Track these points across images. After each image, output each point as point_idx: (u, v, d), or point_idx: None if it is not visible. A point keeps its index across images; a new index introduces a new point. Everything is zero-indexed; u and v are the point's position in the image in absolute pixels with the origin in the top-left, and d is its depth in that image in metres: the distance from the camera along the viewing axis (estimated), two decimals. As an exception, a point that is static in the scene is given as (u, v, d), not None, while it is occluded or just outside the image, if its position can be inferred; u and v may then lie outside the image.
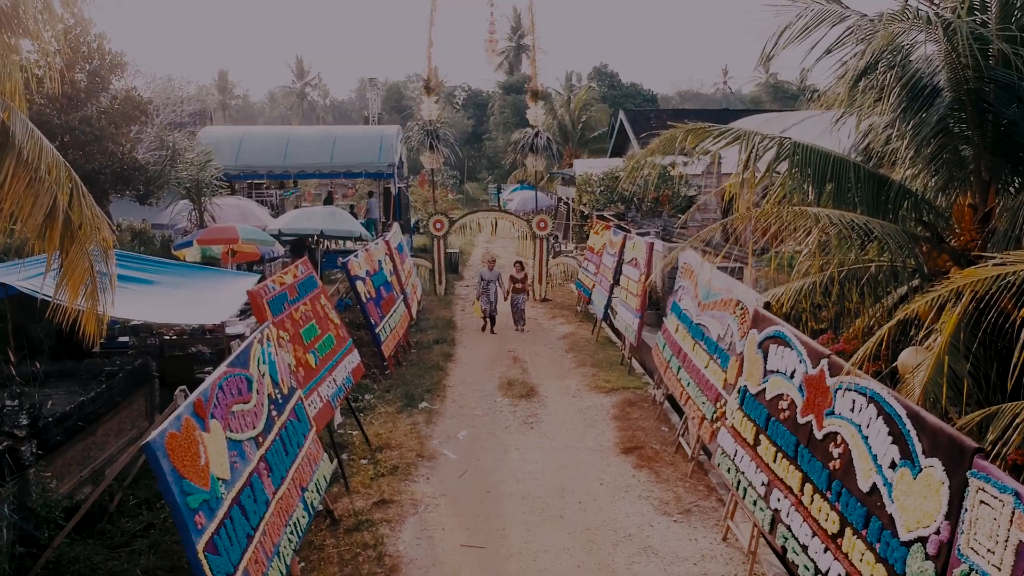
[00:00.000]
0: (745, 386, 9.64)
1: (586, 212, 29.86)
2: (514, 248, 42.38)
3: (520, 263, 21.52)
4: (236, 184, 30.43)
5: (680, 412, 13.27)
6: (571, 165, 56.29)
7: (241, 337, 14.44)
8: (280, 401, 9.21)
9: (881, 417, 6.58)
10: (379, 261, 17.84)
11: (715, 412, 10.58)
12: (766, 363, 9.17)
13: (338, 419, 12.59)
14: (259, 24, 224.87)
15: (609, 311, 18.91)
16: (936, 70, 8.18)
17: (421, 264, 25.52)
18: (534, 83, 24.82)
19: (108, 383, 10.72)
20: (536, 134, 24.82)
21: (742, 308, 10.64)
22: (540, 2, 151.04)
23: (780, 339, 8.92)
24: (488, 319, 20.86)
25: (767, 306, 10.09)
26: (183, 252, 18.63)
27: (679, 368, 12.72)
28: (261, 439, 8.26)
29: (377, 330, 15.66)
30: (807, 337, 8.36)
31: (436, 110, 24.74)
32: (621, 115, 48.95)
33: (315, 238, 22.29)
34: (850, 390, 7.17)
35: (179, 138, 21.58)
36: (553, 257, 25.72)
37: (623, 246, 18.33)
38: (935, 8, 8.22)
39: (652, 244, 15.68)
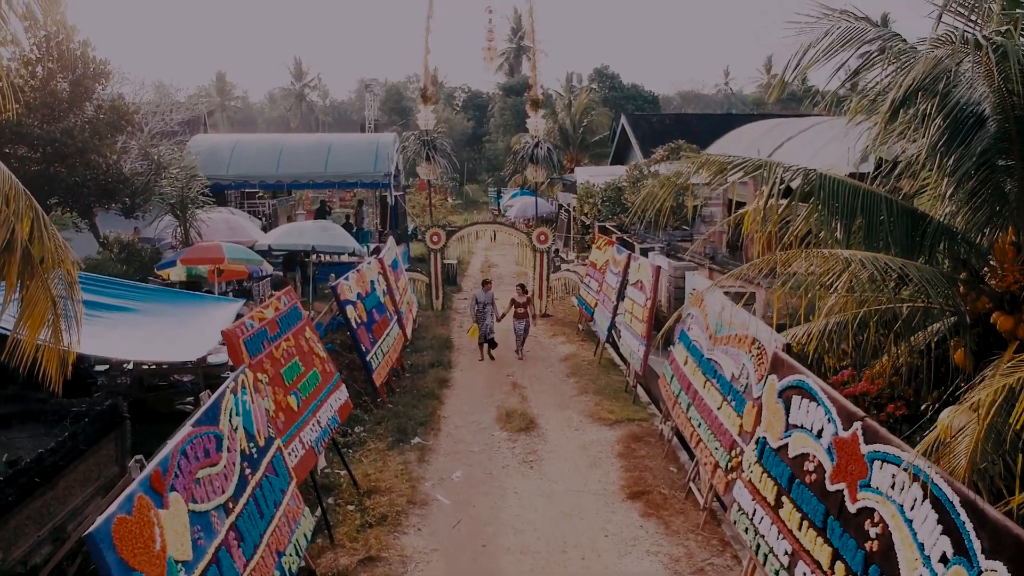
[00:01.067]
0: (764, 438, 8.83)
1: (588, 223, 29.05)
2: (514, 256, 41.58)
3: (523, 286, 20.11)
4: (229, 193, 29.67)
5: (689, 449, 12.46)
6: (572, 170, 55.53)
7: (226, 367, 13.66)
8: (255, 456, 8.40)
9: (928, 501, 5.76)
10: (372, 282, 17.04)
11: (730, 461, 9.77)
12: (788, 415, 8.36)
13: (322, 463, 11.77)
14: (259, 24, 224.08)
15: (612, 332, 18.11)
16: (981, 98, 7.36)
17: (417, 279, 24.70)
18: (534, 92, 23.99)
19: (73, 429, 9.90)
20: (536, 144, 23.98)
21: (759, 348, 9.82)
22: (541, 3, 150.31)
23: (804, 391, 8.10)
24: (486, 344, 19.28)
25: (787, 348, 9.29)
26: (167, 272, 17.83)
27: (689, 405, 11.90)
28: (231, 505, 7.44)
29: (368, 357, 14.85)
30: (836, 393, 7.55)
31: (433, 119, 23.92)
32: (623, 119, 48.16)
33: (306, 254, 21.47)
34: (890, 462, 6.36)
35: (165, 150, 20.77)
36: (554, 271, 24.87)
37: (627, 266, 17.53)
38: (981, 31, 7.39)
39: (658, 268, 14.85)
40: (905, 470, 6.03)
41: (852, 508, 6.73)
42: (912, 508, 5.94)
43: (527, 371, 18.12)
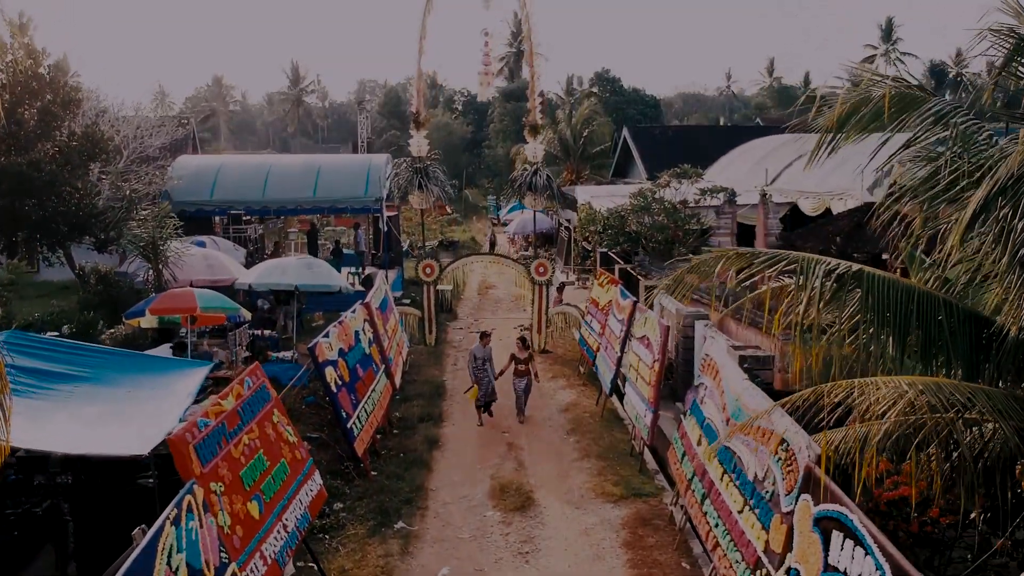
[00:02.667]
0: (798, 571, 7.55)
1: (589, 249, 27.78)
2: (512, 276, 40.24)
3: (523, 339, 17.90)
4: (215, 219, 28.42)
5: (702, 538, 11.17)
6: (572, 181, 54.28)
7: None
8: (200, 600, 7.13)
9: None
10: (356, 333, 15.75)
11: (754, 584, 8.48)
12: (827, 553, 7.08)
13: (290, 570, 10.47)
14: (259, 24, 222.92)
15: (616, 381, 16.83)
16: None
17: (409, 313, 23.42)
18: (532, 117, 22.69)
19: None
20: (535, 171, 22.67)
21: (787, 450, 8.53)
22: (542, 5, 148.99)
23: (847, 528, 6.82)
24: (484, 407, 17.21)
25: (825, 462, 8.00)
26: (136, 321, 16.57)
27: (704, 497, 10.62)
28: None
29: (349, 424, 13.56)
30: (890, 545, 6.26)
31: (426, 146, 22.61)
32: (625, 132, 47.00)
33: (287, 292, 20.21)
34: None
35: (145, 175, 19.48)
36: (556, 303, 23.62)
37: (631, 314, 16.24)
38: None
39: (667, 328, 13.53)
40: None
41: None
42: None
43: (524, 426, 16.84)
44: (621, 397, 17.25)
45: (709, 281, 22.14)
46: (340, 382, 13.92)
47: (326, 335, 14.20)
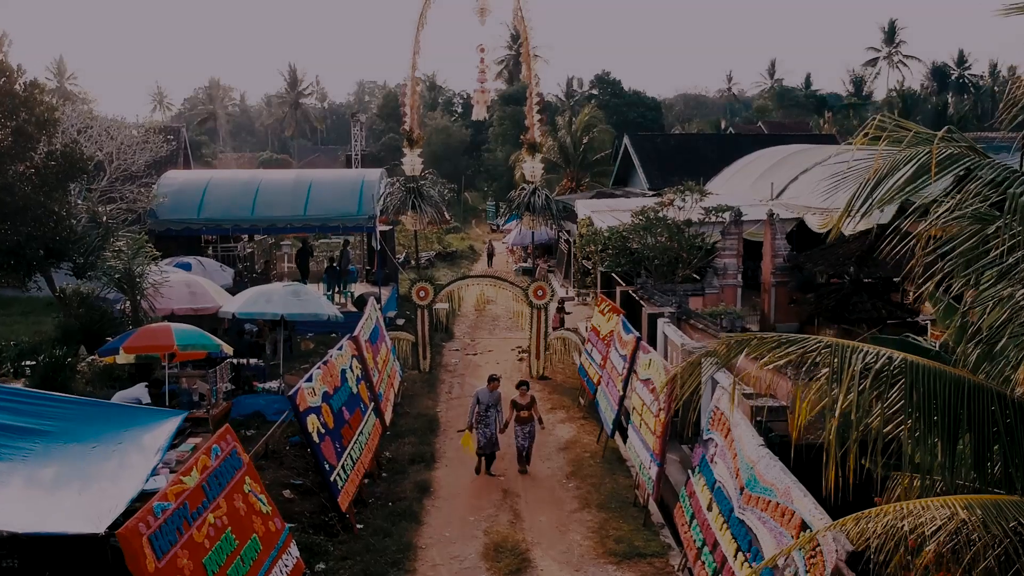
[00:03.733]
0: None
1: (589, 268, 26.88)
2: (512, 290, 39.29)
3: (526, 385, 16.05)
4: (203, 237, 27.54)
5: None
6: (572, 189, 53.34)
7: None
8: None
9: None
10: (343, 372, 14.87)
11: None
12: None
13: (262, 661, 9.56)
14: (257, 24, 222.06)
15: (620, 419, 15.92)
16: None
17: (402, 338, 22.52)
18: (530, 135, 21.78)
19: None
20: (534, 192, 21.76)
21: (811, 539, 7.62)
22: (542, 7, 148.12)
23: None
24: (484, 458, 15.70)
25: (855, 558, 7.11)
26: (111, 358, 15.69)
27: (715, 572, 9.73)
28: None
29: (333, 477, 12.65)
30: None
31: (420, 165, 21.72)
32: (626, 140, 46.03)
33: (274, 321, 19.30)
34: None
35: (117, 209, 18.56)
36: (553, 328, 22.73)
37: (635, 351, 15.33)
38: None
39: (674, 376, 12.57)
40: None
41: None
42: None
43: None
44: (624, 432, 16.32)
45: (715, 306, 21.08)
46: (324, 430, 13.03)
47: (309, 378, 13.31)
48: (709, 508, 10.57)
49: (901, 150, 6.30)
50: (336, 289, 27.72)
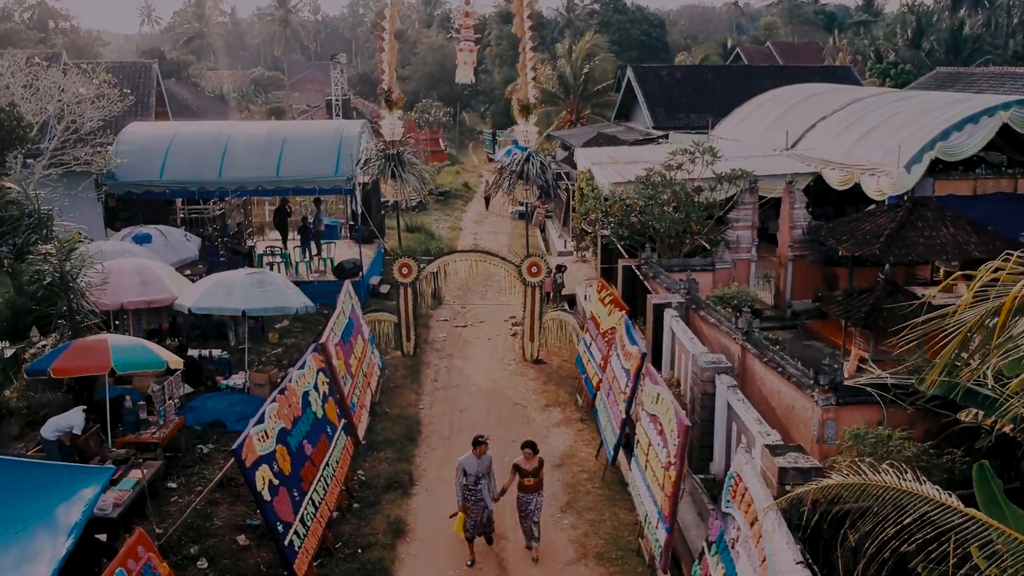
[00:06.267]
0: None
1: (588, 230, 24.75)
2: (507, 238, 37.13)
3: (533, 447, 12.20)
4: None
5: None
6: (572, 122, 50.69)
7: None
8: None
9: None
10: (305, 395, 12.95)
11: None
12: None
13: None
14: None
15: (620, 445, 14.08)
16: None
17: (384, 319, 20.56)
18: (524, 94, 19.41)
19: None
20: (527, 158, 19.50)
21: None
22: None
23: None
24: (477, 535, 12.35)
25: None
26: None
27: None
28: None
29: (288, 538, 10.83)
30: None
31: (401, 128, 19.41)
32: (629, 72, 43.36)
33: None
34: None
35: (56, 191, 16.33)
36: (544, 294, 20.75)
37: (639, 369, 13.37)
38: None
39: (687, 429, 10.59)
40: None
41: None
42: None
43: (509, 495, 14.11)
44: (628, 448, 14.45)
45: (727, 285, 19.00)
46: (278, 480, 11.17)
47: (260, 419, 11.35)
48: (728, 606, 8.79)
49: None
50: (312, 254, 25.64)
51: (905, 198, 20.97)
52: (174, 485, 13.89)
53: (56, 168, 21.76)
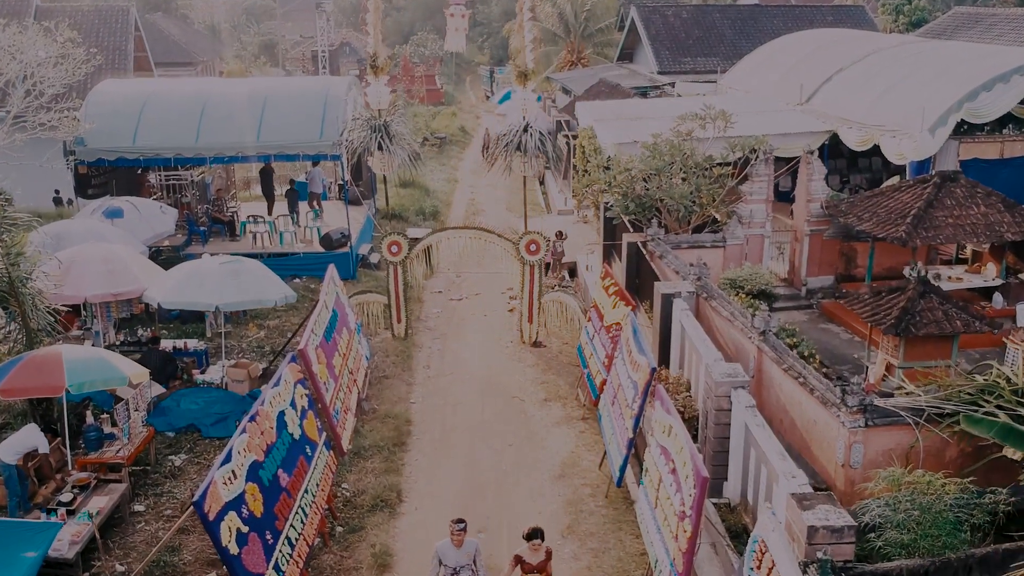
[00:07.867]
0: None
1: (589, 197, 23.33)
2: (506, 194, 35.39)
3: (539, 536, 9.93)
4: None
5: None
6: (573, 63, 48.64)
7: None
8: None
9: None
10: (279, 417, 11.76)
11: None
12: None
13: None
14: None
15: (626, 465, 12.95)
16: None
17: (374, 301, 19.31)
18: (521, 60, 17.82)
19: None
20: (526, 128, 17.99)
21: None
22: None
23: None
24: None
25: None
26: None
27: None
28: None
29: (260, 596, 9.79)
30: None
31: (388, 96, 17.84)
32: (633, 12, 41.31)
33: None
34: None
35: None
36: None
37: (648, 385, 12.17)
38: None
39: (705, 481, 9.39)
40: None
41: None
42: None
43: (505, 514, 13.08)
44: (636, 458, 13.36)
45: (739, 264, 17.64)
46: (248, 526, 10.04)
47: (226, 458, 10.17)
48: None
49: None
50: (311, 219, 24.24)
51: (931, 168, 19.58)
52: (141, 508, 12.79)
53: (20, 134, 20.25)
